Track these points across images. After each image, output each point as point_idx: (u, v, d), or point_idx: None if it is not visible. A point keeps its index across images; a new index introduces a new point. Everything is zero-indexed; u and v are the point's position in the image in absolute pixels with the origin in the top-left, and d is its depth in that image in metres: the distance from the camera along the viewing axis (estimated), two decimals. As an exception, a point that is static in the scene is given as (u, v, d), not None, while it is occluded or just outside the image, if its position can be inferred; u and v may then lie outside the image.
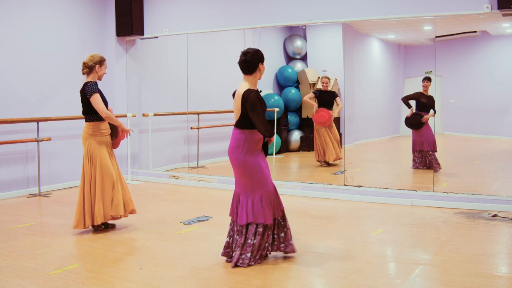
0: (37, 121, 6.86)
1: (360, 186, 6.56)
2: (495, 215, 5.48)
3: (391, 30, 8.70)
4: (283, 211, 4.12)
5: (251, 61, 3.98)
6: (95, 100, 4.85)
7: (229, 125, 9.70)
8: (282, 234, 4.11)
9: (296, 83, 10.09)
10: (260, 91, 4.09)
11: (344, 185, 6.70)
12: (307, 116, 9.95)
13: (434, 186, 6.38)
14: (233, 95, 4.19)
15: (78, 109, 7.69)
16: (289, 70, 10.00)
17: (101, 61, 5.01)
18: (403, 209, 5.91)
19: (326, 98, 8.36)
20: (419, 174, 7.74)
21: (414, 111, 7.64)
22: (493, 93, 8.56)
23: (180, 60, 8.32)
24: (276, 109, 9.54)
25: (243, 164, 3.99)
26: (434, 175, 6.99)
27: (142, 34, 8.03)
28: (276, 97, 9.72)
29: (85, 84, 4.95)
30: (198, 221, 5.45)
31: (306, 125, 9.97)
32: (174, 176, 8.04)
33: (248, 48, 4.05)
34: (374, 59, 9.66)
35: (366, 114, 9.00)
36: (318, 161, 8.60)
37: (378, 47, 9.60)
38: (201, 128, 8.88)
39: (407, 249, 4.38)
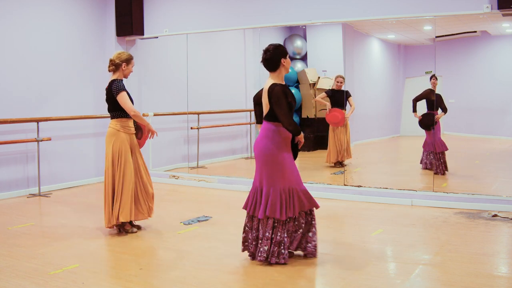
0: (37, 121, 6.86)
1: (360, 186, 6.56)
2: (495, 215, 5.48)
3: (391, 30, 8.70)
4: (312, 209, 4.10)
5: (271, 58, 3.97)
6: (122, 98, 4.82)
7: (229, 125, 9.72)
8: (310, 234, 4.10)
9: (296, 83, 10.09)
10: (288, 85, 4.06)
11: (344, 185, 6.70)
12: (307, 116, 9.95)
13: (434, 186, 6.38)
14: (254, 99, 4.18)
15: (78, 109, 7.75)
16: (289, 70, 10.00)
17: (128, 60, 4.95)
18: (403, 209, 5.91)
19: (339, 98, 8.23)
20: (419, 174, 7.74)
21: (420, 115, 7.57)
22: (493, 93, 8.56)
23: (180, 60, 8.32)
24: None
25: (269, 154, 3.94)
26: (434, 175, 6.99)
27: (142, 34, 8.03)
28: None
29: (112, 82, 4.90)
30: (198, 221, 5.45)
31: (306, 125, 9.97)
32: (174, 176, 8.04)
33: (269, 45, 4.02)
34: (374, 59, 9.66)
35: (366, 114, 8.99)
36: (333, 162, 8.34)
37: (378, 47, 9.60)
38: (201, 128, 8.88)
39: (407, 249, 4.38)
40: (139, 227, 5.12)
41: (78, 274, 3.84)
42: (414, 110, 7.61)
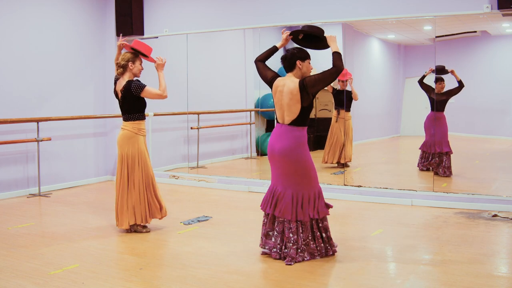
0: (37, 121, 6.86)
1: (360, 186, 6.56)
2: (495, 215, 5.48)
3: (391, 30, 8.69)
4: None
5: (286, 57, 4.06)
6: (149, 91, 4.84)
7: (229, 125, 9.72)
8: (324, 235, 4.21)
9: (296, 83, 10.08)
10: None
11: (344, 185, 6.70)
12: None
13: (434, 186, 6.38)
14: (267, 79, 4.13)
15: (78, 109, 7.75)
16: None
17: (133, 58, 4.93)
18: (403, 209, 5.91)
19: (343, 98, 8.12)
20: (419, 174, 7.74)
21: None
22: (493, 93, 8.54)
23: (180, 60, 8.32)
24: (276, 109, 9.53)
25: (305, 162, 3.99)
26: (434, 175, 6.99)
27: (142, 34, 8.03)
28: (276, 97, 9.71)
29: (129, 83, 4.84)
30: (198, 221, 5.45)
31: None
32: (174, 176, 8.04)
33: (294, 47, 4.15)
34: (374, 59, 9.65)
35: (366, 114, 8.99)
36: (326, 162, 8.30)
37: (378, 47, 9.59)
38: (201, 128, 8.88)
39: (407, 249, 4.38)
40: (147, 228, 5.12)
41: (78, 274, 3.84)
42: (423, 77, 7.47)
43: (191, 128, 8.70)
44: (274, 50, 4.32)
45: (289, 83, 4.00)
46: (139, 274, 3.85)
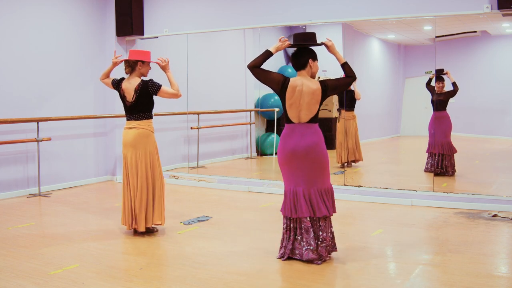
0: (37, 121, 6.86)
1: (360, 186, 6.56)
2: (495, 215, 5.48)
3: (391, 30, 8.70)
4: None
5: (297, 57, 4.10)
6: (164, 91, 4.89)
7: (229, 125, 9.71)
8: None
9: (296, 83, 10.07)
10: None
11: (344, 185, 6.71)
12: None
13: (434, 186, 6.38)
14: (278, 81, 4.05)
15: (78, 109, 7.75)
16: (289, 70, 10.00)
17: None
18: (403, 209, 5.91)
19: (346, 97, 8.00)
20: (419, 174, 7.73)
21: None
22: (493, 93, 8.54)
23: (180, 60, 8.32)
24: (276, 109, 9.54)
25: (326, 156, 4.06)
26: (434, 175, 6.98)
27: (142, 34, 8.03)
28: (276, 97, 9.72)
29: (145, 82, 4.85)
30: (198, 221, 5.45)
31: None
32: (174, 176, 8.04)
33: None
34: (374, 59, 9.65)
35: (366, 114, 8.99)
36: (338, 162, 8.24)
37: (378, 47, 9.59)
38: (201, 128, 8.88)
39: (407, 249, 4.38)
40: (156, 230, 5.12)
41: (78, 274, 3.84)
42: (430, 80, 7.51)
43: (191, 128, 8.70)
44: (269, 54, 4.09)
45: (308, 83, 4.02)
46: (139, 274, 3.85)
